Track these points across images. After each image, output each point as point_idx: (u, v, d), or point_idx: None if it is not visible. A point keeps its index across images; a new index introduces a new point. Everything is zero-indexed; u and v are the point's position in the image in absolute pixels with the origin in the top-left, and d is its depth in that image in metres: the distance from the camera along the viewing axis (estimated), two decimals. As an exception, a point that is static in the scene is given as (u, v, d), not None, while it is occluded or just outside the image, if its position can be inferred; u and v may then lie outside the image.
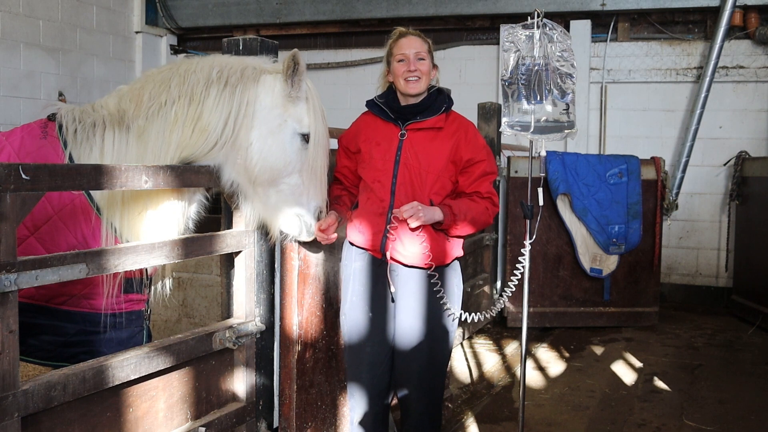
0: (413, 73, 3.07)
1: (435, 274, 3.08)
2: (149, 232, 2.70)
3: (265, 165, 2.75)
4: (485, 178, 3.14)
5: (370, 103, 3.24)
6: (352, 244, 3.21)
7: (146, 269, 2.74)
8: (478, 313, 3.35)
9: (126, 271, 2.58)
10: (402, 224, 3.02)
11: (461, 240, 3.23)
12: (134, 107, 2.69)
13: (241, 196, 2.86)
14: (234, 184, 2.81)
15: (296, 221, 2.91)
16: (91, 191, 2.62)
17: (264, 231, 2.98)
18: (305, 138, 2.81)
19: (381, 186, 3.09)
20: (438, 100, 3.16)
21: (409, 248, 3.06)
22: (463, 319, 3.25)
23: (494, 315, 3.47)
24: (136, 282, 2.75)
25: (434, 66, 3.18)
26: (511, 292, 3.46)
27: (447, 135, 3.12)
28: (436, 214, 3.02)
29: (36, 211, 2.53)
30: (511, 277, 3.43)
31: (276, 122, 2.76)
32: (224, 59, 2.83)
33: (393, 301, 3.15)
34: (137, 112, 2.68)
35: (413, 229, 3.02)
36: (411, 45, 3.09)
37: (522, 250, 3.42)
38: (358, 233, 3.15)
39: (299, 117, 2.79)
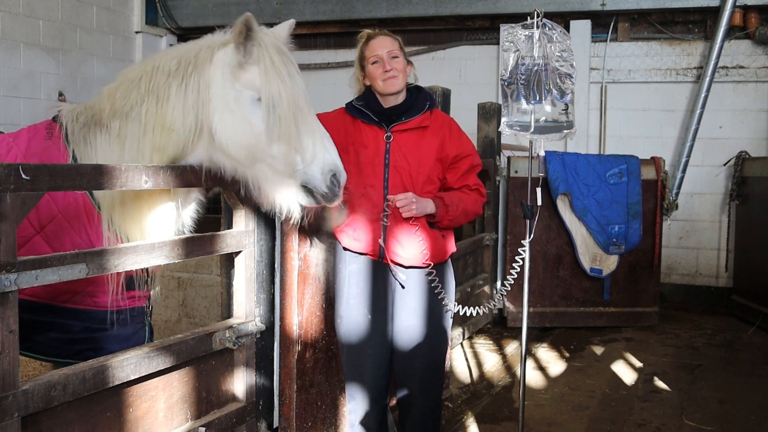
0: (389, 72, 3.05)
1: (433, 271, 3.09)
2: (147, 230, 2.71)
3: (236, 143, 2.58)
4: (472, 171, 3.19)
5: (349, 107, 3.19)
6: (346, 249, 3.18)
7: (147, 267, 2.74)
8: (476, 308, 3.35)
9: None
10: (395, 212, 3.02)
11: (453, 235, 3.26)
12: (109, 107, 2.68)
13: (244, 183, 2.71)
14: (229, 171, 2.67)
15: (299, 195, 2.65)
16: (92, 191, 2.63)
17: (278, 213, 2.78)
18: None
19: (373, 191, 3.06)
20: (420, 98, 3.15)
21: (408, 249, 3.06)
22: (461, 313, 3.26)
23: (492, 309, 3.47)
24: (137, 279, 2.76)
25: (408, 62, 3.16)
26: (508, 288, 3.45)
27: (432, 133, 3.12)
28: (429, 205, 3.03)
29: (42, 210, 2.54)
30: (508, 275, 3.43)
31: (231, 96, 2.58)
32: (185, 47, 2.71)
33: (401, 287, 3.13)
34: (112, 111, 2.67)
35: (406, 221, 3.02)
36: (382, 45, 3.08)
37: (520, 250, 3.42)
38: (353, 240, 3.12)
39: (252, 83, 2.57)
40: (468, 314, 3.28)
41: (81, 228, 2.63)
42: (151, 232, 2.70)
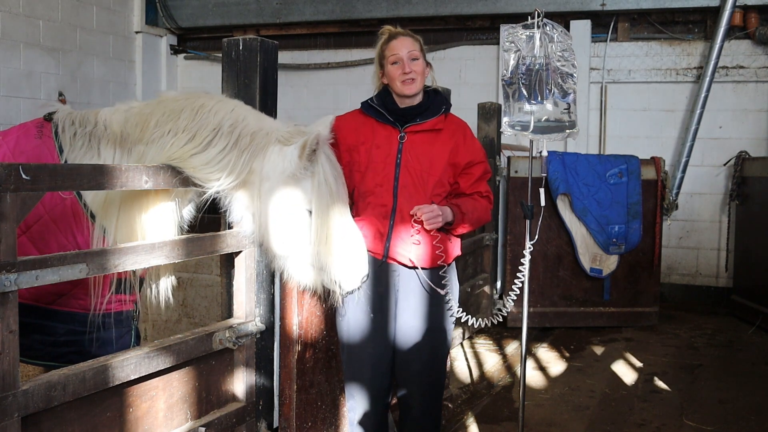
0: (408, 75, 3.04)
1: (446, 276, 3.11)
2: (141, 232, 2.70)
3: (275, 237, 2.74)
4: (484, 177, 3.20)
5: (365, 105, 3.19)
6: None
7: (134, 270, 2.73)
8: (483, 319, 3.37)
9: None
10: (401, 212, 3.01)
11: (458, 239, 3.26)
12: (139, 132, 2.67)
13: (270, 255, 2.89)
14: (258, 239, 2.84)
15: (328, 284, 2.86)
16: (82, 194, 2.62)
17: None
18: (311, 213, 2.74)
19: (383, 190, 3.06)
20: (436, 100, 3.15)
21: (413, 249, 3.06)
22: (469, 324, 3.27)
23: (500, 321, 3.47)
24: (125, 282, 2.75)
25: (428, 64, 3.15)
26: (514, 298, 3.44)
27: (446, 137, 3.12)
28: (448, 215, 3.03)
29: None
30: (513, 285, 3.43)
31: (275, 198, 2.70)
32: (242, 112, 2.73)
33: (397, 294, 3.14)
34: (141, 136, 2.66)
35: (410, 220, 3.02)
36: (403, 45, 3.07)
37: (524, 251, 3.42)
38: None
39: (302, 194, 2.72)
40: (473, 324, 3.27)
41: (67, 229, 2.61)
42: (146, 233, 2.69)
